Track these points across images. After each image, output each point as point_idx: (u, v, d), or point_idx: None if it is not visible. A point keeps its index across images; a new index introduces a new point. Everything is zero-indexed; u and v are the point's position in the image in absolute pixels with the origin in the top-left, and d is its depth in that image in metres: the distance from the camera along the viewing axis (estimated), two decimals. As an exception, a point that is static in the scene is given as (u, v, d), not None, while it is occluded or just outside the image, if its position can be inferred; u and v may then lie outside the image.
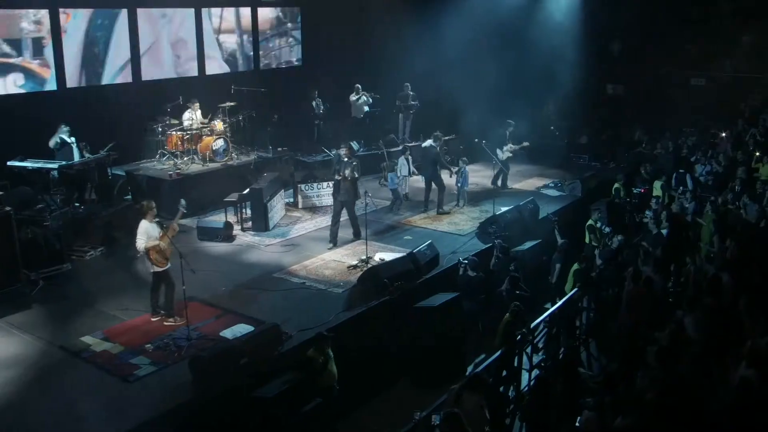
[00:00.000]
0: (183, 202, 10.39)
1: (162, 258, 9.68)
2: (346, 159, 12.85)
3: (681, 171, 16.06)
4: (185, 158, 15.39)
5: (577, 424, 7.76)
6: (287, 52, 21.90)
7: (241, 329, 9.60)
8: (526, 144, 17.45)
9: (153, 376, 8.61)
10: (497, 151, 16.78)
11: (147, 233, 9.63)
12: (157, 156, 15.64)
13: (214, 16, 19.10)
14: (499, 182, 17.02)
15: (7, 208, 10.76)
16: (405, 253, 11.74)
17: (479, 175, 17.52)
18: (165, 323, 9.82)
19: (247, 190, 14.06)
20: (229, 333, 9.54)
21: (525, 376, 9.92)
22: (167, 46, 17.97)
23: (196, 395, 8.24)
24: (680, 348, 8.37)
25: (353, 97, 18.70)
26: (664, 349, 8.13)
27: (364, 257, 11.91)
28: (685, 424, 6.99)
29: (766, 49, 21.12)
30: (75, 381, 8.57)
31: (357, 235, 13.04)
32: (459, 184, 15.46)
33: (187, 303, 9.75)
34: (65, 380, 8.58)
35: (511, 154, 17.01)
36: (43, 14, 15.24)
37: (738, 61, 21.84)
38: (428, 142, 15.37)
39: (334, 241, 12.90)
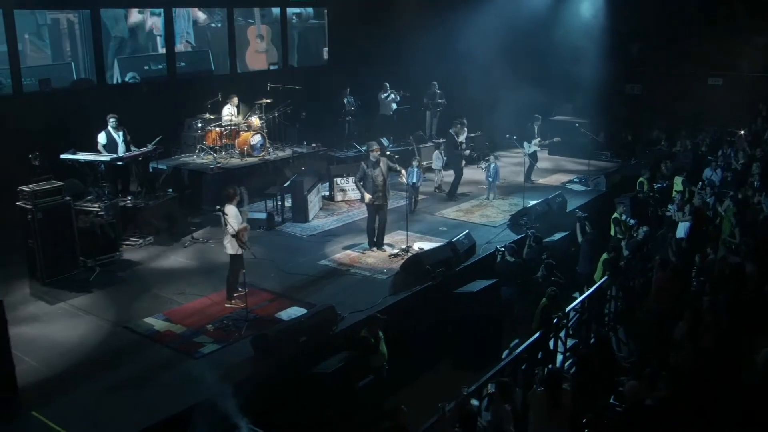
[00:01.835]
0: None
1: (242, 241, 10.05)
2: (374, 159, 12.21)
3: (710, 158, 16.58)
4: (223, 153, 16.00)
5: (611, 401, 8.34)
6: (315, 50, 22.50)
7: (295, 311, 10.09)
8: (557, 139, 17.80)
9: (217, 354, 9.08)
10: (525, 144, 17.08)
11: (237, 217, 10.04)
12: (197, 150, 16.22)
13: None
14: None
15: (67, 198, 11.37)
16: (443, 243, 12.19)
17: (507, 171, 17.91)
18: (226, 305, 10.33)
19: (288, 182, 14.58)
20: (284, 315, 10.03)
21: (559, 358, 10.39)
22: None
23: (260, 370, 8.76)
24: (707, 329, 8.94)
25: (382, 95, 19.24)
26: (692, 330, 8.71)
27: (404, 246, 12.41)
28: (719, 397, 7.56)
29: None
30: (143, 358, 9.01)
31: (381, 244, 12.63)
32: (490, 179, 15.86)
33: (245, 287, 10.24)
34: (134, 357, 9.02)
35: (538, 148, 17.32)
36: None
37: (755, 60, 22.18)
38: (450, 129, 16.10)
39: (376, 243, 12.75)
